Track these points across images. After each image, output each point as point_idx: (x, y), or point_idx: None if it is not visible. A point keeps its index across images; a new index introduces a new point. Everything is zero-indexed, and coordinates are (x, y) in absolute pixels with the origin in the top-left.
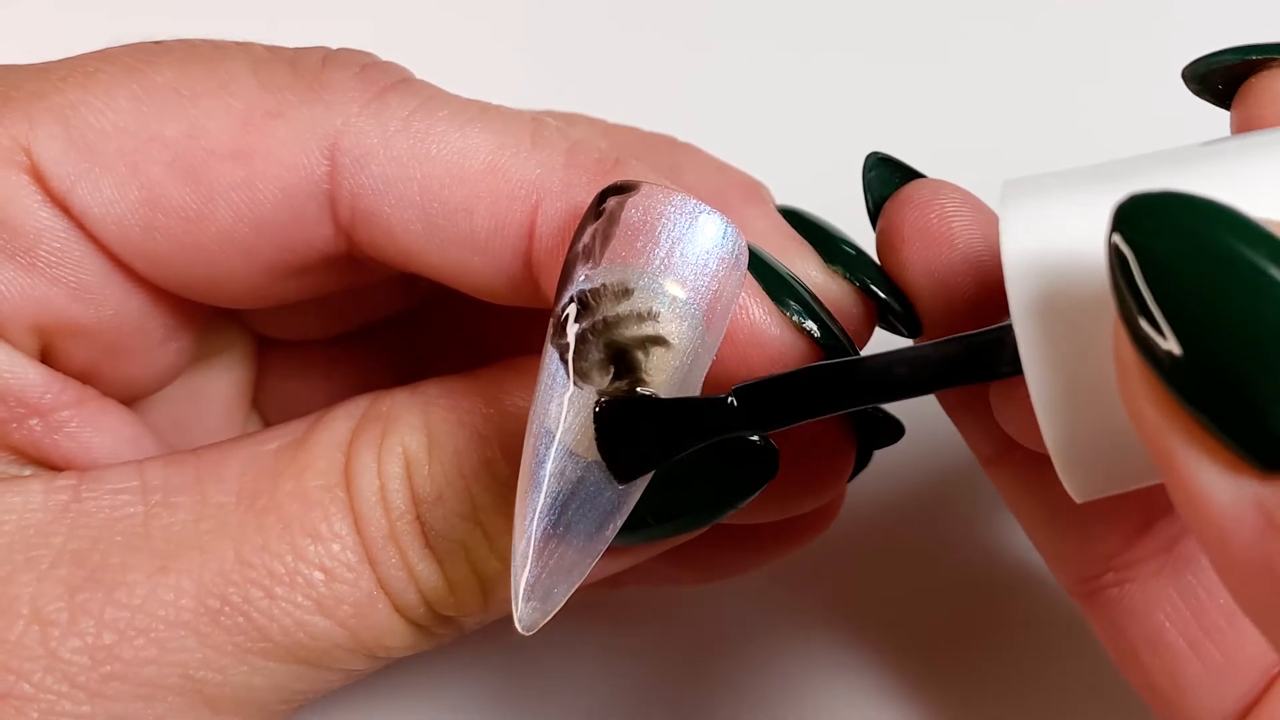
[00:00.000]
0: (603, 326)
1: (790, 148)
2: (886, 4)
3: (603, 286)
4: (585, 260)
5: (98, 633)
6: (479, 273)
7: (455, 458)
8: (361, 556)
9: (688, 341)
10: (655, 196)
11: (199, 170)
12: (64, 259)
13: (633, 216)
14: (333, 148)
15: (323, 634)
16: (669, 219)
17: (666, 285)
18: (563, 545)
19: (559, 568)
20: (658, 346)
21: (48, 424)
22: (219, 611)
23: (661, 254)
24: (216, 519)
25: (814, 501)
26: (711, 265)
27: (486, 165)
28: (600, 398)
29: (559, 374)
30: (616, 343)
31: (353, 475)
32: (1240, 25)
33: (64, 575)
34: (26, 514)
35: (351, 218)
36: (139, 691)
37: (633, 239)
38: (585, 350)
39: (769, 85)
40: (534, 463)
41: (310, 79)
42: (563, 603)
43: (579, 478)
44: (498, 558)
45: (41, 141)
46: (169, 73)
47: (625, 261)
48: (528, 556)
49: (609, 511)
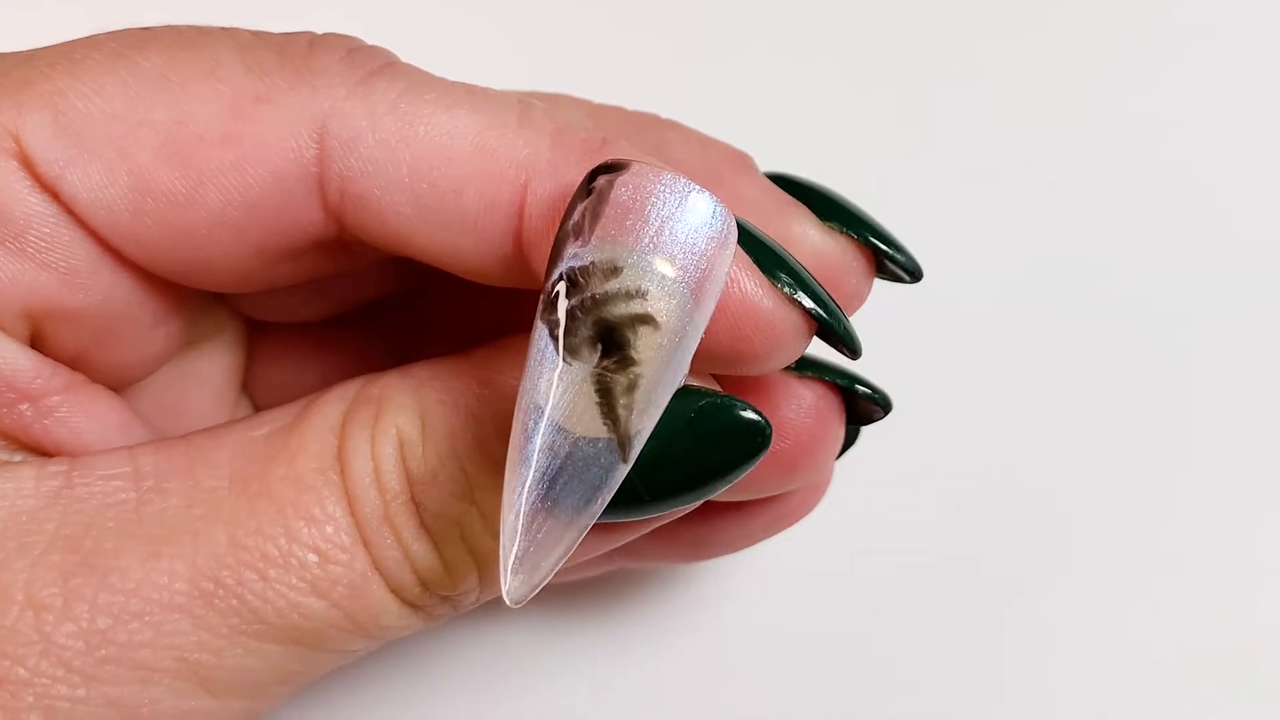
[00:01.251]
0: (591, 304)
1: (776, 129)
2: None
3: (592, 264)
4: (575, 238)
5: (92, 617)
6: (470, 253)
7: (449, 438)
8: (355, 538)
9: (676, 320)
10: (645, 175)
11: (188, 155)
12: (53, 244)
13: (622, 195)
14: (321, 131)
15: (317, 615)
16: (658, 197)
17: (655, 263)
18: (551, 519)
19: (546, 541)
20: (645, 325)
21: (38, 409)
22: (213, 594)
23: (651, 232)
24: (209, 504)
25: (802, 478)
26: (701, 244)
27: (475, 146)
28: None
29: (548, 350)
30: (605, 320)
31: (346, 458)
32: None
33: (57, 561)
34: (19, 500)
35: (341, 201)
36: (134, 675)
37: (622, 217)
38: (574, 327)
39: (758, 75)
40: (523, 438)
41: (298, 63)
42: (549, 576)
43: (567, 453)
44: (492, 536)
45: (29, 128)
46: (157, 59)
47: (615, 240)
48: (516, 530)
49: (597, 485)
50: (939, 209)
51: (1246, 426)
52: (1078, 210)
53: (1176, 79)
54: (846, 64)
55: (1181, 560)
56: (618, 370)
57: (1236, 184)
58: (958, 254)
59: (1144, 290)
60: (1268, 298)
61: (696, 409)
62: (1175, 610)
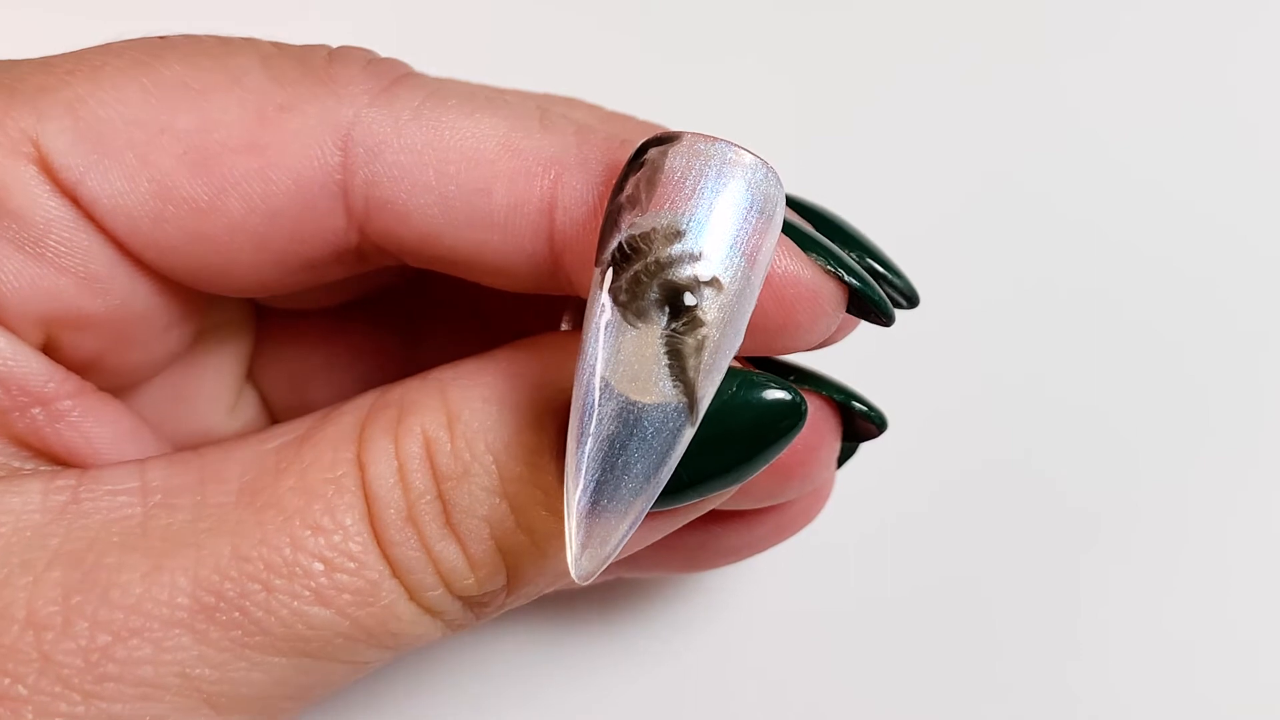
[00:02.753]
0: (655, 267)
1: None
2: (883, 4)
3: (653, 230)
4: (631, 207)
5: (92, 634)
6: (498, 252)
7: (480, 432)
8: (368, 544)
9: (737, 281)
10: (697, 143)
11: (211, 162)
12: (72, 249)
13: (677, 163)
14: (345, 139)
15: (323, 624)
16: (713, 163)
17: (716, 226)
18: (620, 489)
19: (614, 513)
20: (709, 287)
21: (50, 413)
22: (214, 608)
23: (709, 196)
24: (215, 518)
25: (798, 488)
26: (755, 206)
27: (501, 146)
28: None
29: (613, 319)
30: (672, 283)
31: (367, 460)
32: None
33: (59, 577)
34: (24, 516)
35: (366, 208)
36: (136, 691)
37: (679, 184)
38: (641, 290)
39: (757, 87)
40: (586, 408)
41: (320, 73)
42: (617, 551)
43: (635, 419)
44: (524, 531)
45: (50, 134)
46: (178, 67)
47: (674, 205)
48: (583, 502)
49: (665, 451)
50: (937, 227)
51: (1250, 443)
52: (1078, 224)
53: (1181, 87)
54: (847, 71)
55: (1185, 571)
56: (687, 332)
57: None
58: (955, 274)
59: (1146, 306)
60: (1270, 314)
61: (735, 383)
62: (1176, 615)
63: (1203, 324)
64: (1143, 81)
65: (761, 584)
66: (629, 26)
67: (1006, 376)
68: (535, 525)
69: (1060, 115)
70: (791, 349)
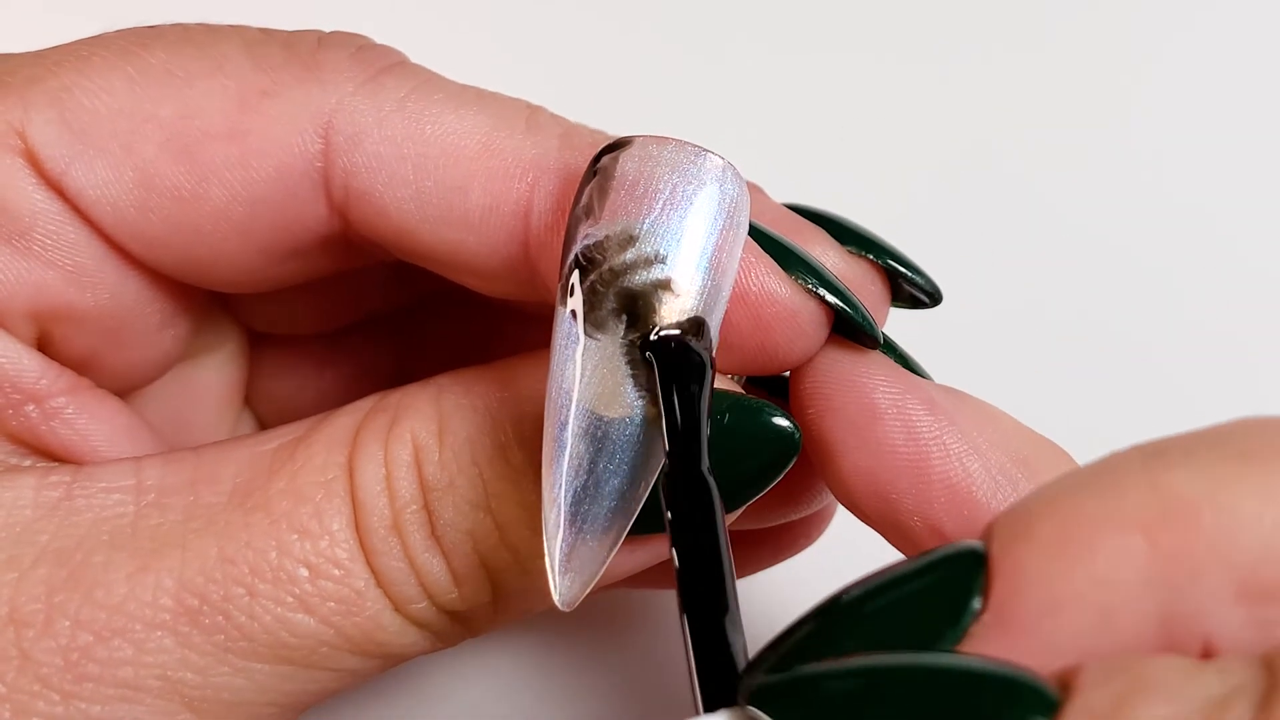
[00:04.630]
0: (610, 276)
1: (778, 154)
2: (881, 5)
3: (606, 238)
4: (586, 219)
5: (73, 633)
6: (473, 253)
7: (468, 444)
8: (354, 552)
9: (697, 285)
10: (649, 147)
11: (193, 150)
12: (60, 242)
13: (628, 168)
14: (327, 126)
15: (307, 632)
16: (667, 164)
17: (671, 228)
18: (595, 507)
19: (594, 533)
20: (667, 291)
21: (44, 410)
22: (198, 611)
23: (662, 198)
24: (205, 519)
25: (804, 508)
26: (715, 205)
27: (482, 145)
28: (626, 345)
29: (571, 332)
30: (627, 290)
31: (357, 465)
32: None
33: (44, 575)
34: (15, 511)
35: (345, 197)
36: (115, 693)
37: (631, 189)
38: (597, 301)
39: (758, 89)
40: (556, 427)
41: (305, 59)
42: (601, 571)
43: (604, 434)
44: (508, 549)
45: (36, 125)
46: (163, 55)
47: (626, 211)
48: (560, 525)
49: (635, 467)
50: (953, 229)
51: None
52: (1094, 225)
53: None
54: (846, 74)
55: None
56: (649, 339)
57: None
58: (975, 274)
59: (1147, 307)
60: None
61: (725, 409)
62: None
63: (1206, 331)
64: (1145, 81)
65: (762, 587)
66: (629, 26)
67: (1007, 377)
68: (518, 544)
69: (1065, 116)
70: (770, 370)
